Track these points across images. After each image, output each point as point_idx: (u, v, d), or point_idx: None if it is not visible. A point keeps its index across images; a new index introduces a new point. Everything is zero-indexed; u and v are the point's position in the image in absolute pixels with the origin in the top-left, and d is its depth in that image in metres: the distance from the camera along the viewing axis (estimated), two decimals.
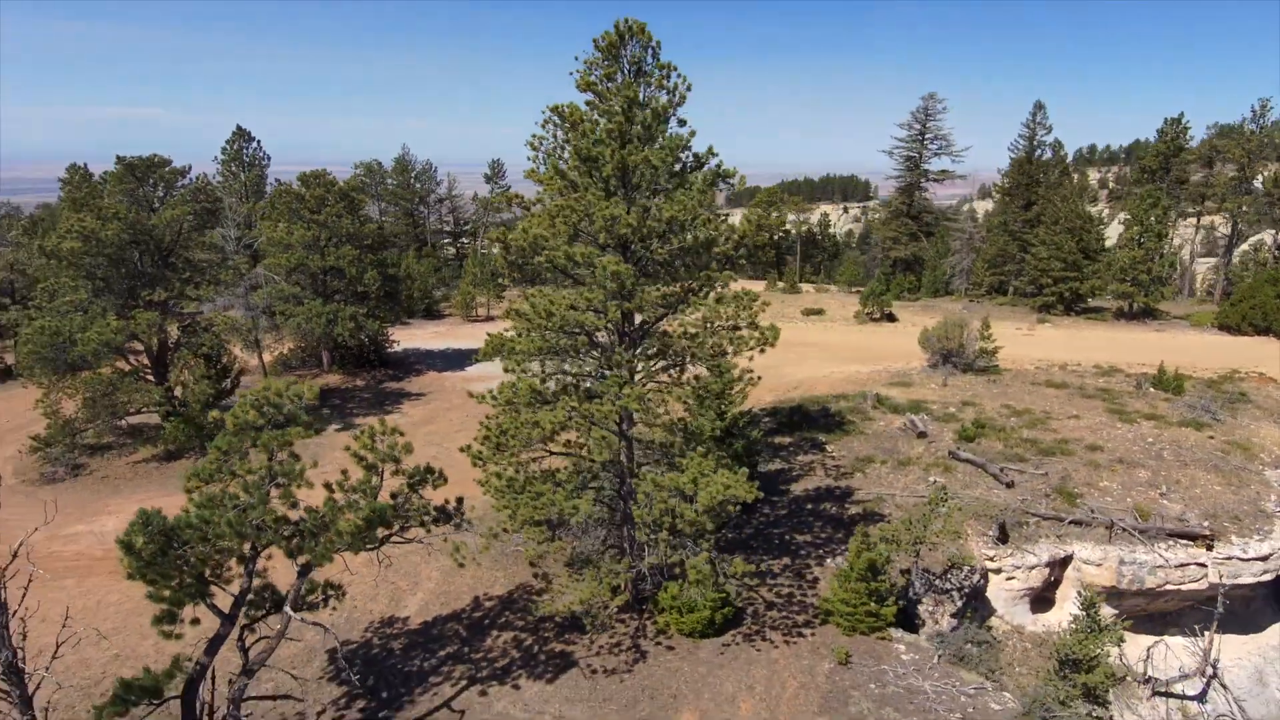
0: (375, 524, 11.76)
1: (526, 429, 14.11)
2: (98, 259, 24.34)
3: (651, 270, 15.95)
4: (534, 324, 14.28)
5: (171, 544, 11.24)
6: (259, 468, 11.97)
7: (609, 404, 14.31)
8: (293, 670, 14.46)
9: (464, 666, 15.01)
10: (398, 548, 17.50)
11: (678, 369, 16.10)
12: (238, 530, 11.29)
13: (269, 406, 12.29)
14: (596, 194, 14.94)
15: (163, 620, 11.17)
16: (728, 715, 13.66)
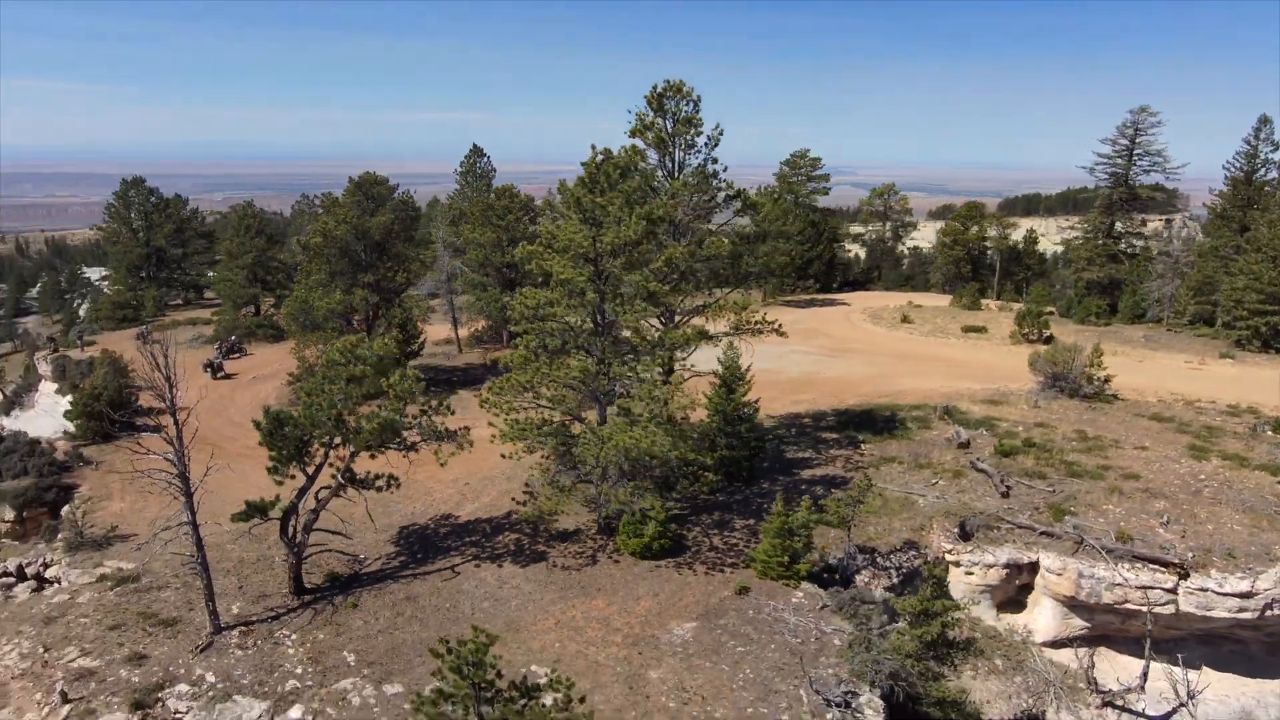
0: (387, 431, 18.44)
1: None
2: (332, 250, 34.27)
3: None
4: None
5: (282, 426, 18.77)
6: (336, 391, 19.18)
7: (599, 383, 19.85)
8: (366, 532, 21.77)
9: (475, 549, 21.42)
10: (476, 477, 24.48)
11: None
12: (314, 424, 18.56)
13: (351, 354, 19.49)
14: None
15: (273, 472, 18.75)
16: (628, 607, 18.63)
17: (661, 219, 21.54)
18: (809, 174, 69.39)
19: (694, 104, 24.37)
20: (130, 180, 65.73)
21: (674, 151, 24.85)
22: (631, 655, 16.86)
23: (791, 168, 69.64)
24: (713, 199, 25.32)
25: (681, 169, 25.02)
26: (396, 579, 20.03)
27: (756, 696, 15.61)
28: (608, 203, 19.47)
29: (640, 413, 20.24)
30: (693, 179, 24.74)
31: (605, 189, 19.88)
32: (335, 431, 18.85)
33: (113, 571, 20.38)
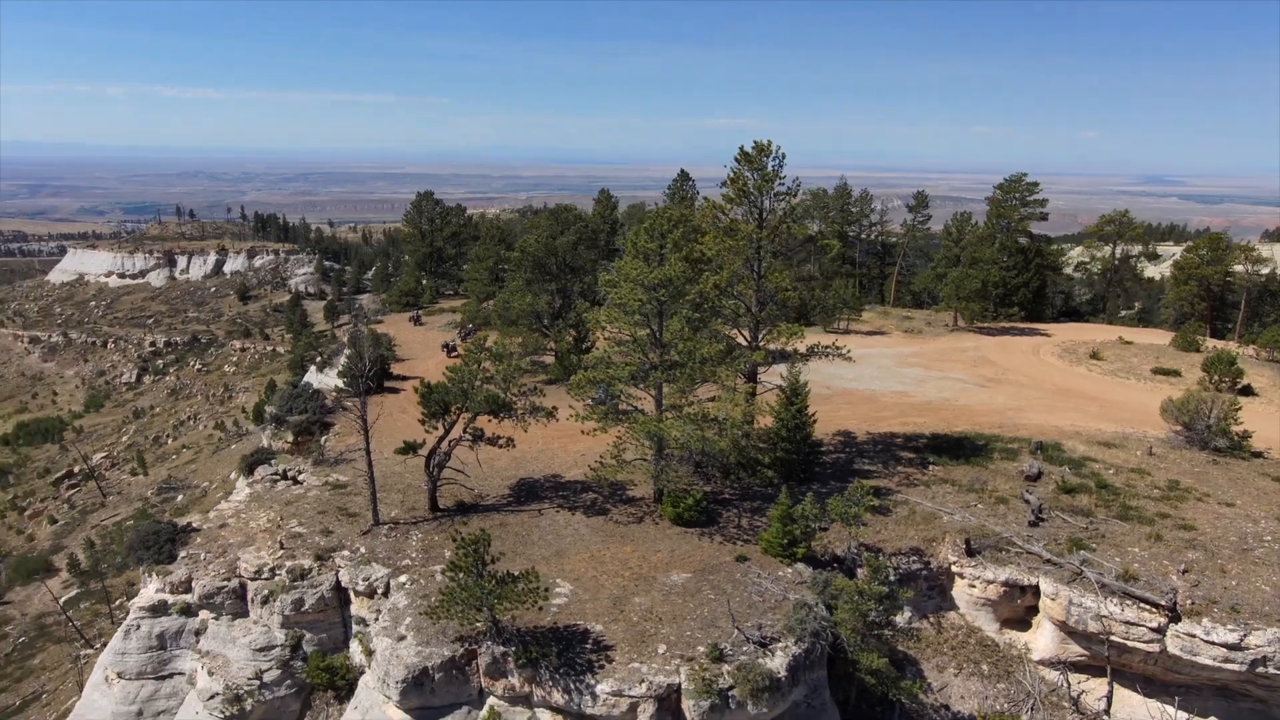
0: (493, 402, 25.89)
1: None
2: (528, 263, 43.24)
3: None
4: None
5: (432, 393, 27.02)
6: (471, 368, 27.04)
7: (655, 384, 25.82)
8: (489, 475, 29.60)
9: (561, 501, 28.37)
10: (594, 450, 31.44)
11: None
12: (453, 392, 26.55)
13: (480, 346, 27.32)
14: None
15: (423, 423, 27.09)
16: (647, 555, 24.41)
17: (705, 260, 26.77)
18: (1024, 198, 67.51)
19: (779, 160, 29.12)
20: (423, 194, 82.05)
21: (761, 200, 29.72)
22: (629, 585, 22.73)
23: (1006, 192, 68.22)
24: (790, 240, 29.75)
25: (764, 216, 29.80)
26: (500, 511, 27.61)
27: (699, 626, 20.77)
28: (659, 246, 25.26)
29: (690, 411, 25.85)
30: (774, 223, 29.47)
31: (660, 235, 25.70)
32: (463, 399, 26.76)
33: (334, 480, 30.24)
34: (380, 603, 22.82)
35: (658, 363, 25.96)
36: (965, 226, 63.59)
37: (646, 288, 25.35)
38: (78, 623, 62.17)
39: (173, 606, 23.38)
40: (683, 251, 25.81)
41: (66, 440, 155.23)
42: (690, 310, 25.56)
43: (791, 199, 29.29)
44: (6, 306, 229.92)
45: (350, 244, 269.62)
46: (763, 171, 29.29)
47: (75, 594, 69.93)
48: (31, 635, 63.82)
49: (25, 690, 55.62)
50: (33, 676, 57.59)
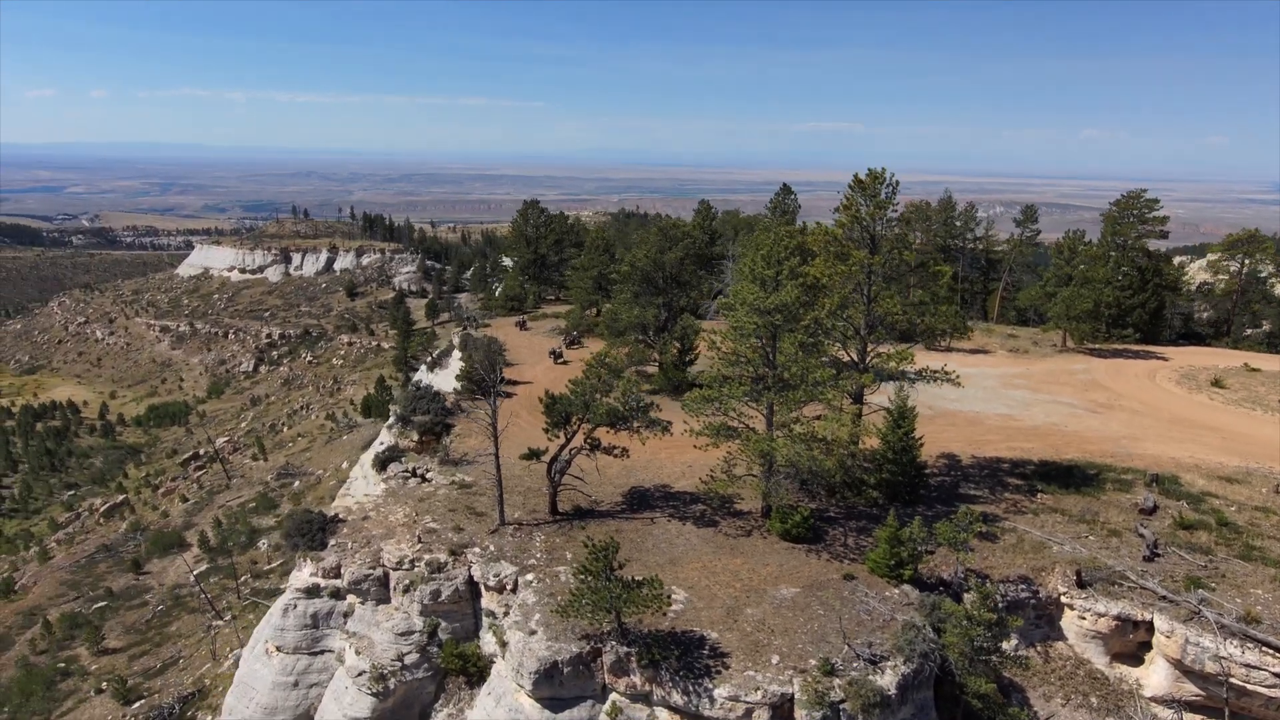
0: (612, 414, 27.49)
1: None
2: (636, 275, 44.91)
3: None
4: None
5: (555, 404, 28.86)
6: (592, 382, 28.74)
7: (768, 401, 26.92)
8: (610, 486, 31.26)
9: (672, 511, 29.76)
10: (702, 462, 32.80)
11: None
12: (575, 403, 28.31)
13: (600, 362, 28.99)
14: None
15: (547, 431, 28.96)
16: (756, 568, 25.50)
17: (820, 286, 27.60)
18: (1143, 215, 65.03)
19: (892, 188, 29.73)
20: (529, 201, 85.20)
21: (873, 226, 30.36)
22: (741, 596, 23.90)
23: (1122, 208, 65.86)
24: (901, 265, 30.25)
25: (877, 242, 30.41)
26: (614, 518, 29.23)
27: (810, 640, 21.75)
28: (776, 272, 26.32)
29: (799, 431, 26.83)
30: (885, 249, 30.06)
31: (776, 262, 26.73)
32: (584, 410, 28.49)
33: (459, 480, 32.55)
34: (509, 598, 24.73)
35: (770, 383, 27.01)
36: (1078, 244, 61.78)
37: (761, 312, 26.46)
38: (208, 595, 67.56)
39: (324, 590, 25.93)
40: (800, 279, 26.80)
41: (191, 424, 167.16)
42: (805, 335, 26.51)
43: (904, 226, 29.82)
44: (141, 297, 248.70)
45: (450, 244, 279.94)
46: (876, 199, 29.94)
47: (205, 568, 75.80)
48: (168, 604, 69.65)
49: (164, 654, 60.91)
50: (170, 643, 62.97)
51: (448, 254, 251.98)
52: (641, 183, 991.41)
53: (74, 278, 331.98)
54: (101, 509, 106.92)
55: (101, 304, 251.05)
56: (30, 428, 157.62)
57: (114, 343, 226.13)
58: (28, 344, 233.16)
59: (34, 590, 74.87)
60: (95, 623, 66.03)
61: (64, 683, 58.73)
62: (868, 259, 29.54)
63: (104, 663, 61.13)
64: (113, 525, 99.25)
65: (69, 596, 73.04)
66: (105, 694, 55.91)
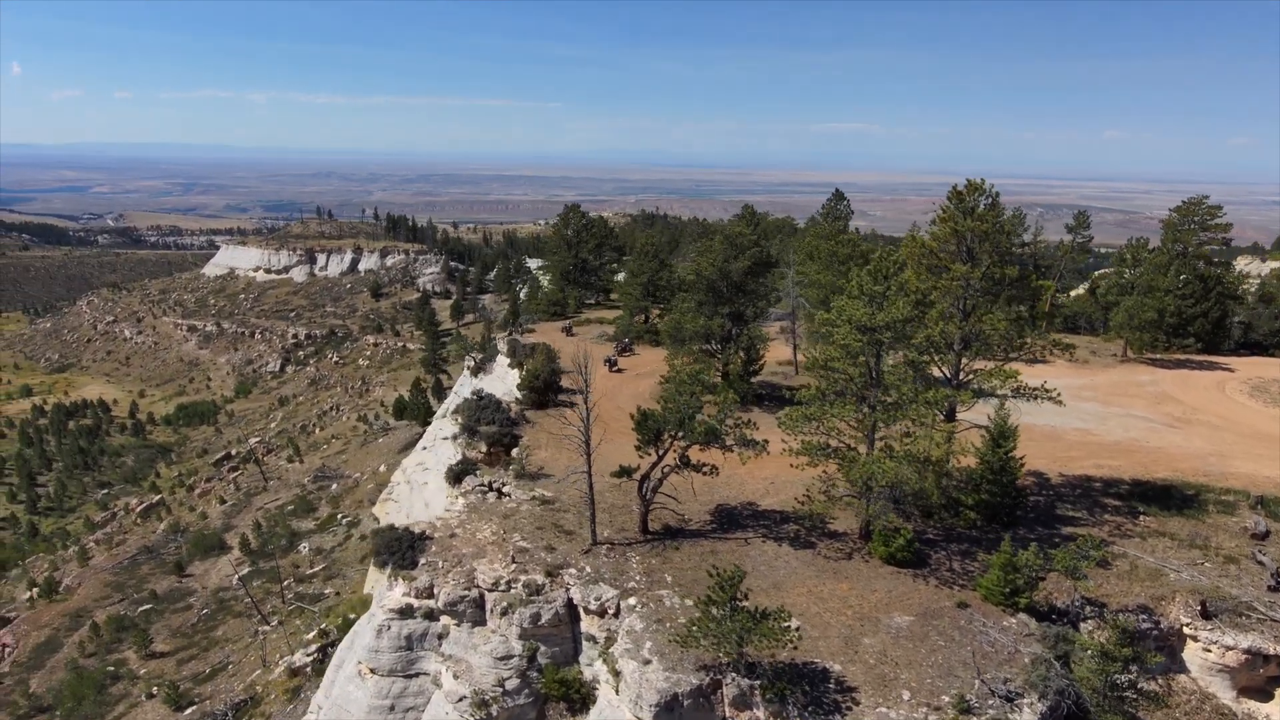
0: (710, 433, 26.75)
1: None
2: (701, 284, 44.14)
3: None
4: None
5: (646, 419, 28.16)
6: (683, 399, 28.02)
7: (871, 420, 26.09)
8: (693, 503, 30.53)
9: (764, 531, 28.98)
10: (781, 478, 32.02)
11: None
12: (666, 421, 27.59)
13: (695, 378, 28.26)
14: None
15: (638, 448, 28.25)
16: (864, 594, 24.69)
17: (929, 303, 26.72)
18: (1204, 222, 63.57)
19: (991, 199, 28.82)
20: (570, 206, 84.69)
21: (970, 240, 29.46)
22: (854, 624, 23.10)
23: (1183, 214, 64.42)
24: (1002, 278, 29.33)
25: (973, 255, 29.51)
26: (707, 538, 28.49)
27: (938, 674, 20.93)
28: (885, 289, 25.48)
29: (901, 451, 25.97)
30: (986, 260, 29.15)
31: (884, 278, 25.90)
32: (679, 428, 27.76)
33: (539, 495, 31.91)
34: (610, 622, 24.05)
35: (874, 402, 26.19)
36: (1142, 251, 60.44)
37: (867, 329, 25.65)
38: (254, 599, 67.40)
39: (418, 610, 25.35)
40: (909, 296, 25.97)
41: (220, 423, 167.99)
42: (915, 354, 25.69)
43: (1002, 236, 28.94)
44: (168, 297, 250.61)
45: (472, 245, 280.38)
46: (974, 211, 29.06)
47: (247, 571, 75.70)
48: (213, 608, 69.58)
49: (212, 659, 60.75)
50: (217, 647, 62.82)
51: (471, 255, 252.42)
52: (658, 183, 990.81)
53: (101, 277, 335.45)
54: (138, 509, 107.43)
55: (129, 303, 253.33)
56: (62, 426, 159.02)
57: (142, 342, 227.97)
58: (57, 343, 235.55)
59: (79, 592, 75.10)
60: (142, 626, 66.08)
61: (114, 686, 58.71)
62: (968, 273, 28.67)
63: (152, 666, 61.09)
64: (150, 525, 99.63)
65: (113, 598, 73.19)
66: (156, 699, 55.80)
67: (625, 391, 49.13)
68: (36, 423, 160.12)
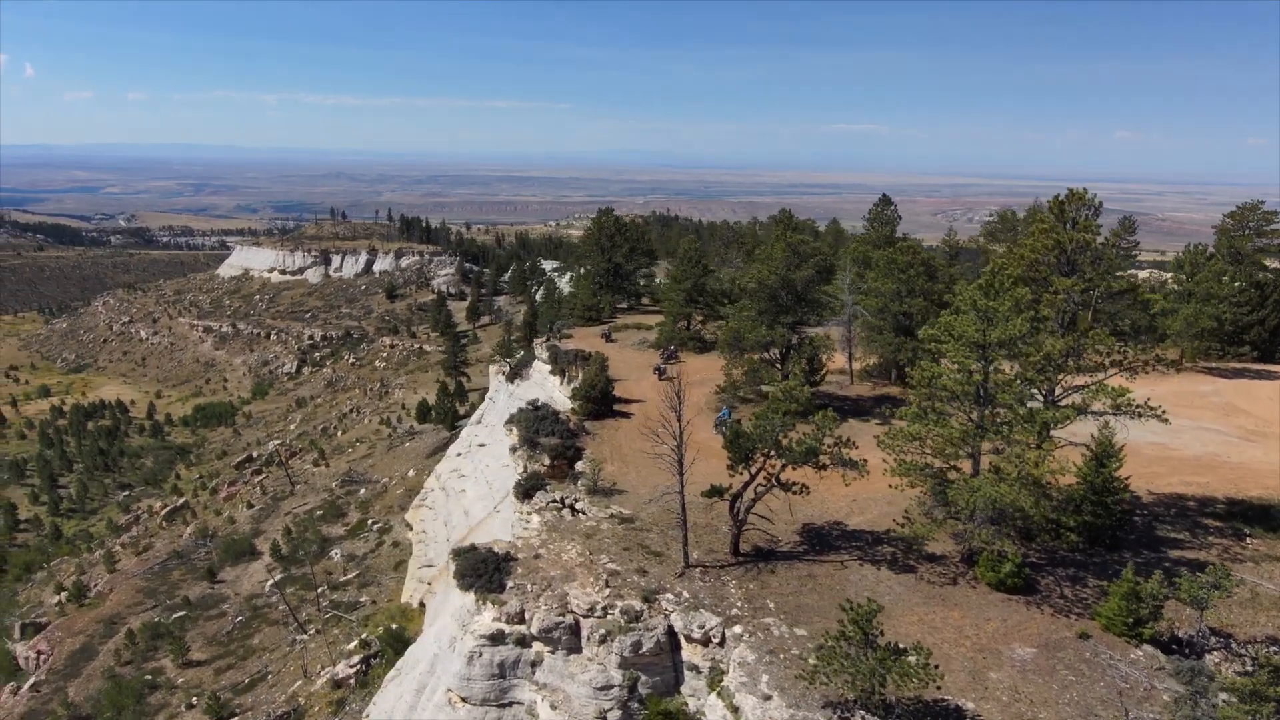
0: (809, 453, 25.74)
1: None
2: (763, 293, 43.14)
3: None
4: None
5: (740, 438, 27.17)
6: (775, 419, 27.02)
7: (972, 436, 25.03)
8: (779, 522, 29.52)
9: (859, 552, 27.96)
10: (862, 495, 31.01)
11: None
12: (759, 440, 26.60)
13: (790, 394, 27.26)
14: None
15: (730, 467, 27.26)
16: (979, 623, 23.64)
17: (1045, 318, 25.66)
18: (1260, 228, 62.33)
19: (1094, 210, 27.75)
20: (603, 210, 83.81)
21: (1070, 252, 28.41)
22: (977, 657, 22.06)
23: (1237, 220, 63.20)
24: (1107, 291, 28.28)
25: (1075, 267, 28.46)
26: (801, 560, 27.47)
27: (1076, 713, 19.88)
28: (1000, 304, 24.43)
29: (1009, 471, 24.91)
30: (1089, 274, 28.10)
31: (998, 292, 24.83)
32: (773, 447, 26.76)
33: (617, 513, 30.93)
34: (714, 651, 23.06)
35: (982, 421, 25.15)
36: (1200, 258, 59.30)
37: (980, 346, 24.62)
38: (290, 606, 66.59)
39: (509, 637, 24.40)
40: (1028, 312, 24.92)
41: (238, 424, 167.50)
42: (1034, 372, 24.65)
43: (1111, 250, 27.87)
44: (183, 298, 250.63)
45: (485, 246, 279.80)
46: (1078, 221, 27.99)
47: (279, 578, 74.89)
48: (247, 615, 68.78)
49: (250, 669, 59.93)
50: (255, 656, 62.01)
51: (484, 256, 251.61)
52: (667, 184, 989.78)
53: (115, 277, 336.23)
54: (162, 511, 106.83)
55: (145, 304, 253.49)
56: (82, 427, 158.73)
57: (158, 342, 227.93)
58: (74, 343, 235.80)
59: (111, 597, 74.45)
60: (177, 633, 65.33)
61: (152, 696, 57.95)
62: (1077, 285, 27.61)
63: (190, 675, 60.34)
64: (176, 529, 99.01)
65: (146, 605, 72.52)
66: (197, 709, 55.01)
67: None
68: (56, 423, 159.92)
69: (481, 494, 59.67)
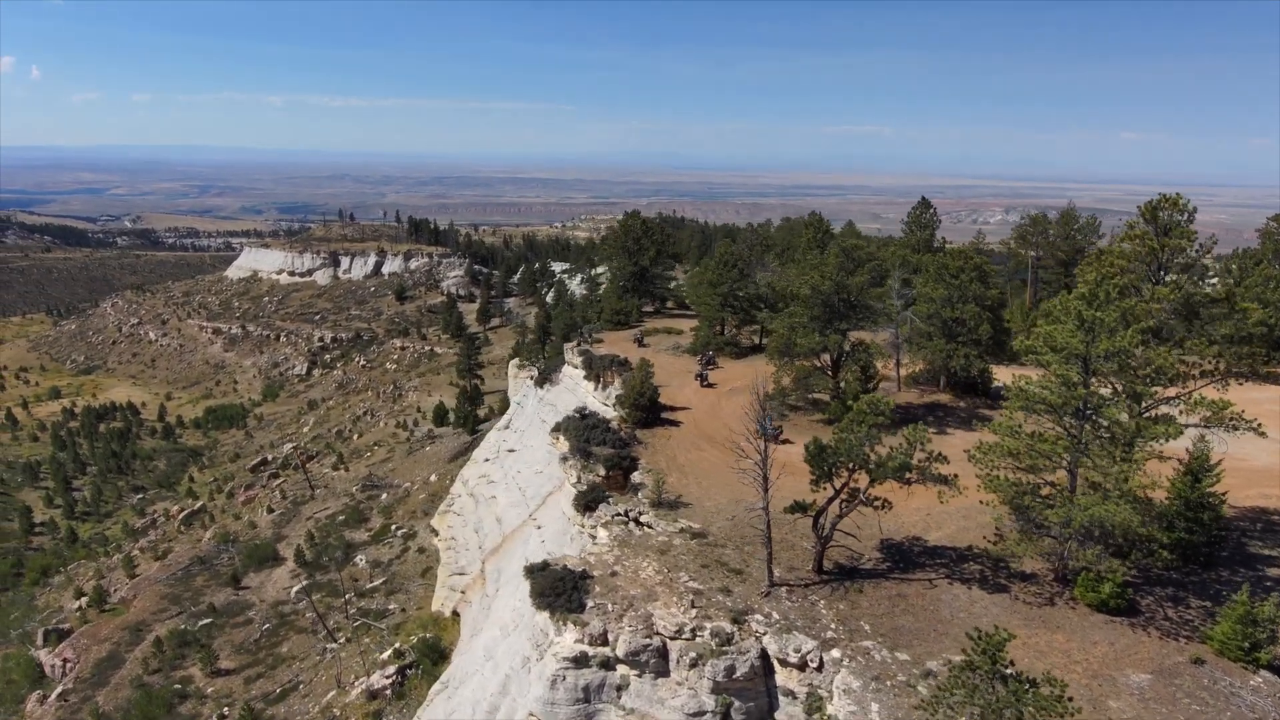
0: (902, 470, 24.81)
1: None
2: (815, 300, 42.21)
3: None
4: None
5: (824, 452, 26.25)
6: (860, 433, 26.11)
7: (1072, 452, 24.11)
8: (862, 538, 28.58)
9: (945, 570, 27.02)
10: (935, 510, 30.01)
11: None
12: (847, 454, 25.68)
13: (875, 407, 26.33)
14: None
15: (814, 484, 26.35)
16: (1085, 647, 22.69)
17: (1153, 330, 24.75)
18: None
19: (1188, 215, 26.83)
20: (630, 213, 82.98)
21: (1162, 257, 27.49)
22: (1092, 685, 21.12)
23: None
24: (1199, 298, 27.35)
25: (1166, 272, 27.53)
26: (887, 579, 26.54)
27: None
28: (1106, 315, 23.51)
29: (1110, 487, 23.99)
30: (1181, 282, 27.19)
31: (1103, 303, 23.91)
32: (858, 462, 25.83)
33: (686, 527, 30.01)
34: (812, 677, 22.14)
35: (1079, 436, 24.22)
36: (1249, 261, 58.41)
37: (1083, 358, 23.69)
38: (319, 613, 65.71)
39: (593, 659, 23.49)
40: (1137, 324, 24.00)
41: (250, 427, 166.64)
42: (1143, 385, 23.72)
43: (1204, 258, 26.96)
44: (192, 299, 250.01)
45: (493, 248, 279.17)
46: (1170, 227, 27.07)
47: (305, 585, 73.97)
48: (274, 623, 67.90)
49: (281, 678, 59.04)
50: (284, 665, 61.10)
51: (494, 258, 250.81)
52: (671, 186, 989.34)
53: (122, 278, 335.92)
54: (179, 515, 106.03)
55: (153, 305, 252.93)
56: (93, 429, 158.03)
57: (167, 344, 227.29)
58: (83, 344, 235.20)
59: (135, 604, 73.60)
60: (204, 641, 64.49)
61: (182, 705, 57.08)
62: (1171, 294, 26.69)
63: (220, 685, 59.46)
64: (194, 533, 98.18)
65: (171, 611, 71.66)
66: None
67: (727, 407, 47.14)
68: (68, 425, 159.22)
69: (514, 501, 58.73)
